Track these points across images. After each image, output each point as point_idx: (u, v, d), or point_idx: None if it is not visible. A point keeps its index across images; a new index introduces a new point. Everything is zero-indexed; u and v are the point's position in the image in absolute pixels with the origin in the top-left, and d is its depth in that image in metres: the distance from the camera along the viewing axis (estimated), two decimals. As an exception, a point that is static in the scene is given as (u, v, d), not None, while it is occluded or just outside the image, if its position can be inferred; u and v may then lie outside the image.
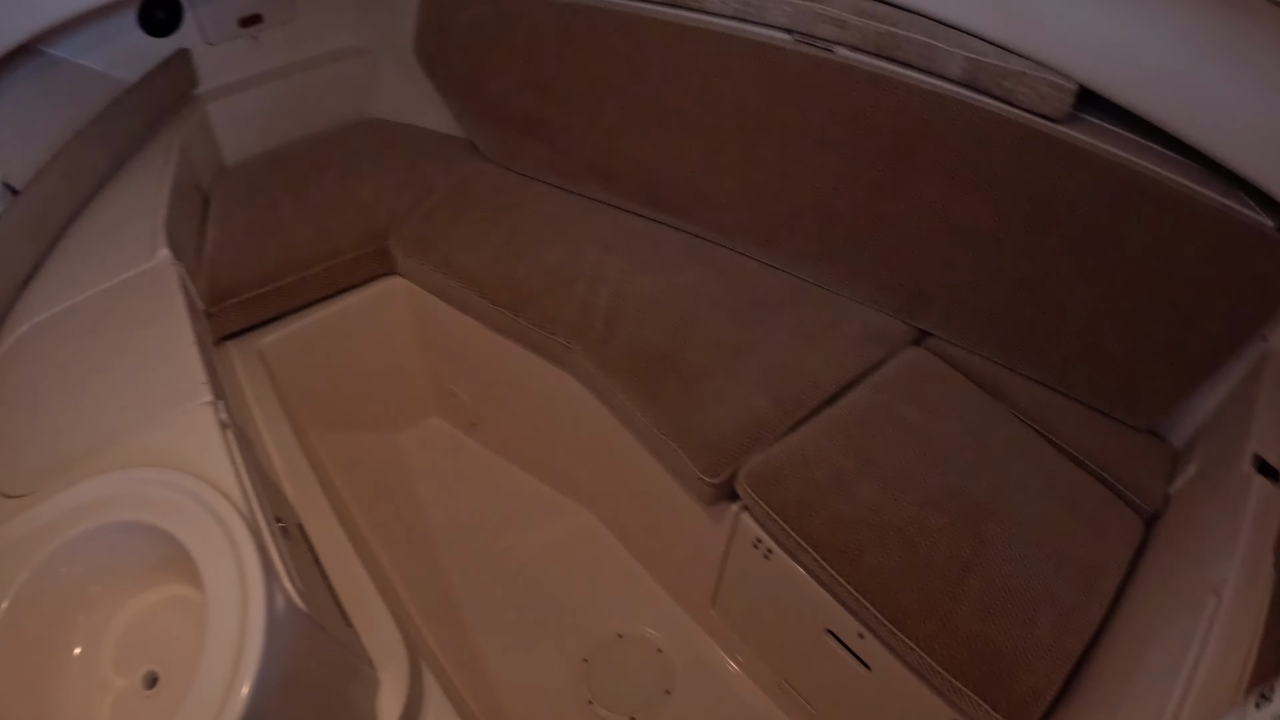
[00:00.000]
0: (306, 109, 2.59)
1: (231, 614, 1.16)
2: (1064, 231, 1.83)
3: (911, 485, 1.72)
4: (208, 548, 1.24)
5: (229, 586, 1.19)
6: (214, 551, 1.23)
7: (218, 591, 1.19)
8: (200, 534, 1.26)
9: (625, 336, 1.97)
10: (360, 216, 2.25)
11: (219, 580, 1.20)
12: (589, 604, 2.28)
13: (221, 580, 1.20)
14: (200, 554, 1.23)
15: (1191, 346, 1.80)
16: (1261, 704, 0.92)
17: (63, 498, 1.32)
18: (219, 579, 1.20)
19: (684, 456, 1.79)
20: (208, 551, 1.23)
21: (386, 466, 2.52)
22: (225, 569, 1.21)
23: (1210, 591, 1.28)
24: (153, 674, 1.29)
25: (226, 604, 1.17)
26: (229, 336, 2.16)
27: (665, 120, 2.17)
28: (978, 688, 1.46)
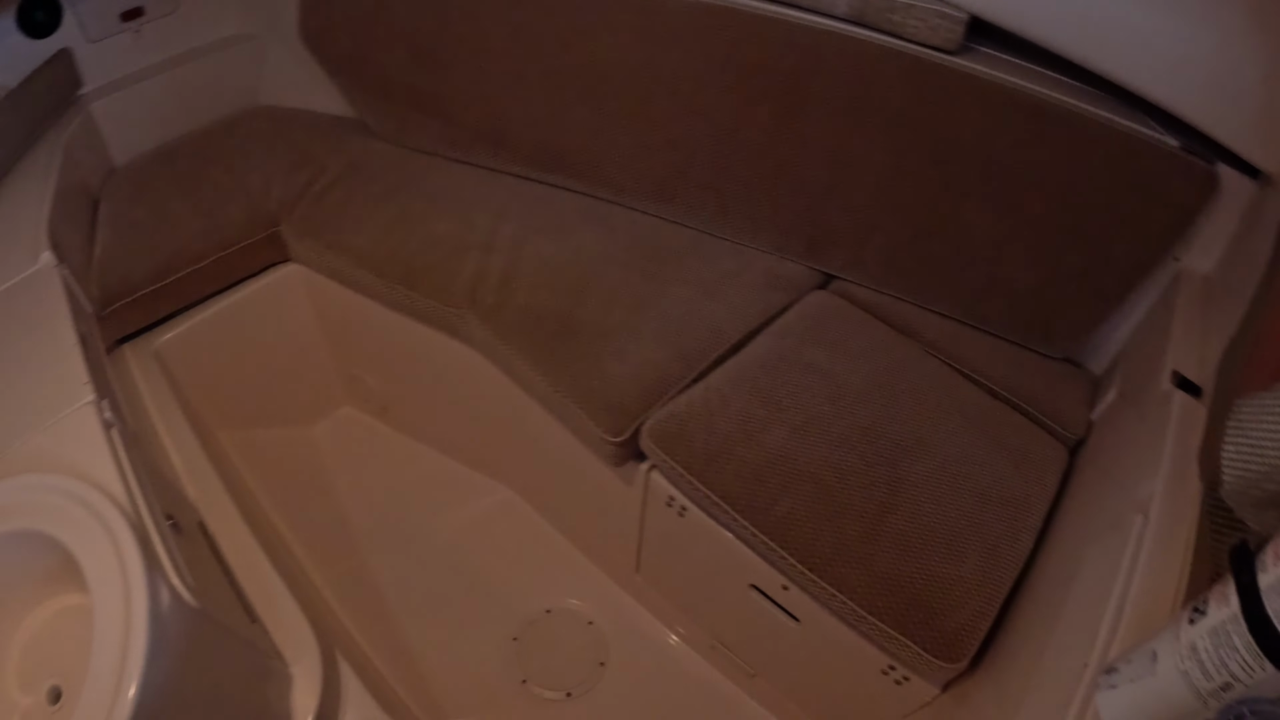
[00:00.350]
0: (195, 101, 2.45)
1: (116, 615, 1.10)
2: (965, 164, 1.77)
3: (823, 429, 1.63)
4: (91, 549, 1.18)
5: (112, 587, 1.13)
6: (97, 553, 1.17)
7: (102, 593, 1.12)
8: (84, 537, 1.19)
9: (520, 301, 1.86)
10: (250, 204, 2.12)
11: (102, 582, 1.14)
12: (515, 581, 2.18)
13: (105, 581, 1.14)
14: (84, 557, 1.17)
15: (1103, 271, 1.76)
16: (1196, 618, 0.84)
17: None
18: (102, 580, 1.14)
19: (586, 418, 1.69)
20: (91, 554, 1.17)
21: (301, 461, 2.40)
22: (108, 570, 1.15)
23: (1137, 510, 1.23)
24: (57, 689, 1.22)
25: (110, 605, 1.11)
26: (126, 339, 2.03)
27: (551, 81, 2.07)
28: (906, 629, 1.39)
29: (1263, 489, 0.98)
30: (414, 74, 2.18)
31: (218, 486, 1.77)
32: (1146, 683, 0.87)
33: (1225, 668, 0.79)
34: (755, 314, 1.89)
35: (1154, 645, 0.88)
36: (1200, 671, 0.81)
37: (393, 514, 2.30)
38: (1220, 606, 0.81)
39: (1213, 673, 0.80)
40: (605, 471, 1.81)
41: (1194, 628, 0.83)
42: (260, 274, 2.17)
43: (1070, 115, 1.65)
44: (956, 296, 1.92)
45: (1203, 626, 0.82)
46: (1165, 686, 0.84)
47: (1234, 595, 0.79)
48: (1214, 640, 0.80)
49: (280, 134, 2.36)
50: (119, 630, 1.07)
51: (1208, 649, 0.80)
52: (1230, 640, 0.78)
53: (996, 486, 1.59)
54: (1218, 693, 0.80)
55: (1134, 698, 0.89)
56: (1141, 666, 0.88)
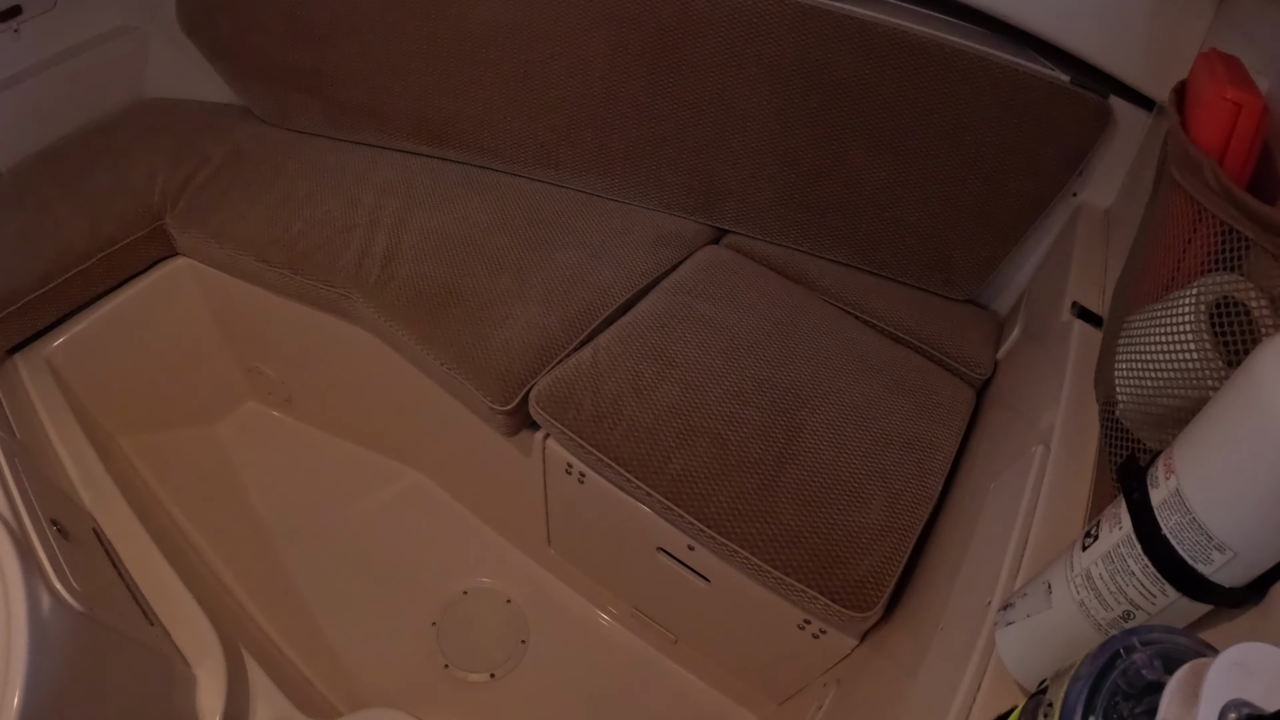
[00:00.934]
0: (79, 98, 2.29)
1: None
2: (851, 109, 1.71)
3: (716, 382, 1.54)
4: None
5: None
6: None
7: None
8: None
9: (404, 276, 1.74)
10: (134, 200, 1.98)
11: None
12: (429, 565, 2.08)
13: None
14: None
15: (999, 210, 1.72)
16: (1088, 543, 0.75)
17: None
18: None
19: (473, 388, 1.57)
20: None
21: (207, 460, 2.26)
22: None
23: (1038, 442, 1.18)
24: None
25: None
26: (16, 349, 1.89)
27: (427, 51, 1.94)
28: (812, 581, 1.32)
29: (1158, 404, 0.89)
30: (292, 54, 2.05)
31: (113, 493, 1.67)
32: (1043, 617, 0.78)
33: (1123, 594, 0.70)
34: (644, 272, 1.80)
35: (1048, 576, 0.79)
36: (1097, 601, 0.72)
37: (303, 507, 2.19)
38: (1112, 529, 0.71)
39: (1110, 601, 0.71)
40: (502, 443, 1.72)
41: (1086, 554, 0.74)
42: (148, 271, 2.03)
43: (957, 53, 1.60)
44: (853, 243, 1.85)
45: (1095, 551, 0.73)
46: (1062, 619, 0.76)
47: (1125, 515, 0.70)
48: (1108, 565, 0.71)
49: (165, 126, 2.21)
50: None
51: (1102, 575, 0.71)
52: (1125, 564, 0.69)
53: (900, 430, 1.52)
54: (1117, 622, 0.71)
55: (1030, 633, 0.81)
56: (1037, 600, 0.79)
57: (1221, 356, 0.80)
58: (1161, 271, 0.97)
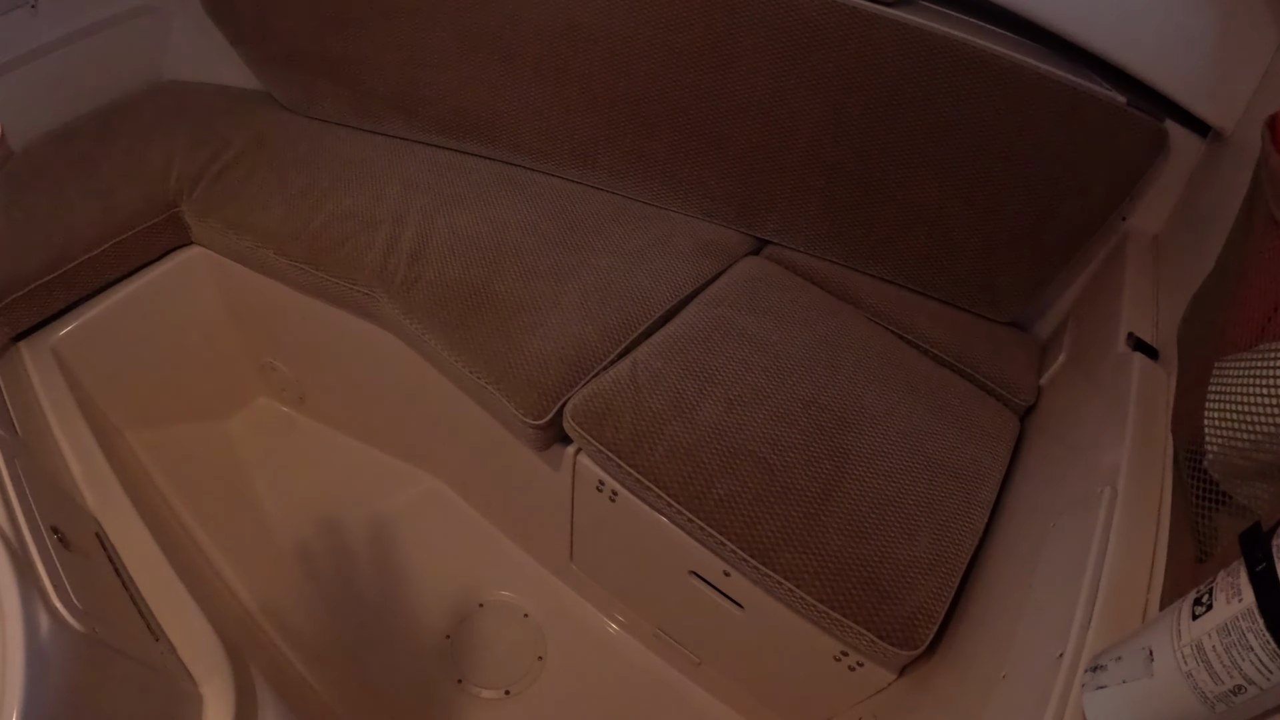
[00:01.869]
0: (96, 78, 2.27)
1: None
2: (903, 121, 1.69)
3: (760, 402, 1.51)
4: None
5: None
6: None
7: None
8: None
9: (432, 276, 1.71)
10: (149, 185, 1.95)
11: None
12: (445, 576, 2.05)
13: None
14: None
15: (1048, 232, 1.71)
16: (1199, 612, 0.72)
17: None
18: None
19: (504, 399, 1.54)
20: None
21: (216, 458, 2.23)
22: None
23: (1103, 483, 1.14)
24: None
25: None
26: (21, 336, 1.86)
27: (465, 44, 1.91)
28: (858, 616, 1.30)
29: (1252, 459, 0.86)
30: (321, 41, 2.02)
31: (118, 493, 1.62)
32: (1142, 685, 0.75)
33: (1238, 669, 0.67)
34: (684, 282, 1.77)
35: (1148, 641, 0.76)
36: (1207, 674, 0.69)
37: (314, 510, 2.16)
38: (1230, 599, 0.68)
39: (1222, 675, 0.68)
40: (530, 456, 1.69)
41: (1197, 623, 0.71)
42: (161, 259, 2.00)
43: (1015, 70, 1.58)
44: (897, 260, 1.84)
45: (1209, 622, 0.70)
46: (1165, 689, 0.72)
47: (1247, 587, 0.67)
48: (1224, 639, 0.68)
49: (184, 109, 2.19)
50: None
51: (1216, 648, 0.68)
52: (1245, 639, 0.66)
53: (946, 458, 1.51)
54: (1227, 696, 0.68)
55: (1128, 701, 0.77)
56: (1135, 666, 0.76)
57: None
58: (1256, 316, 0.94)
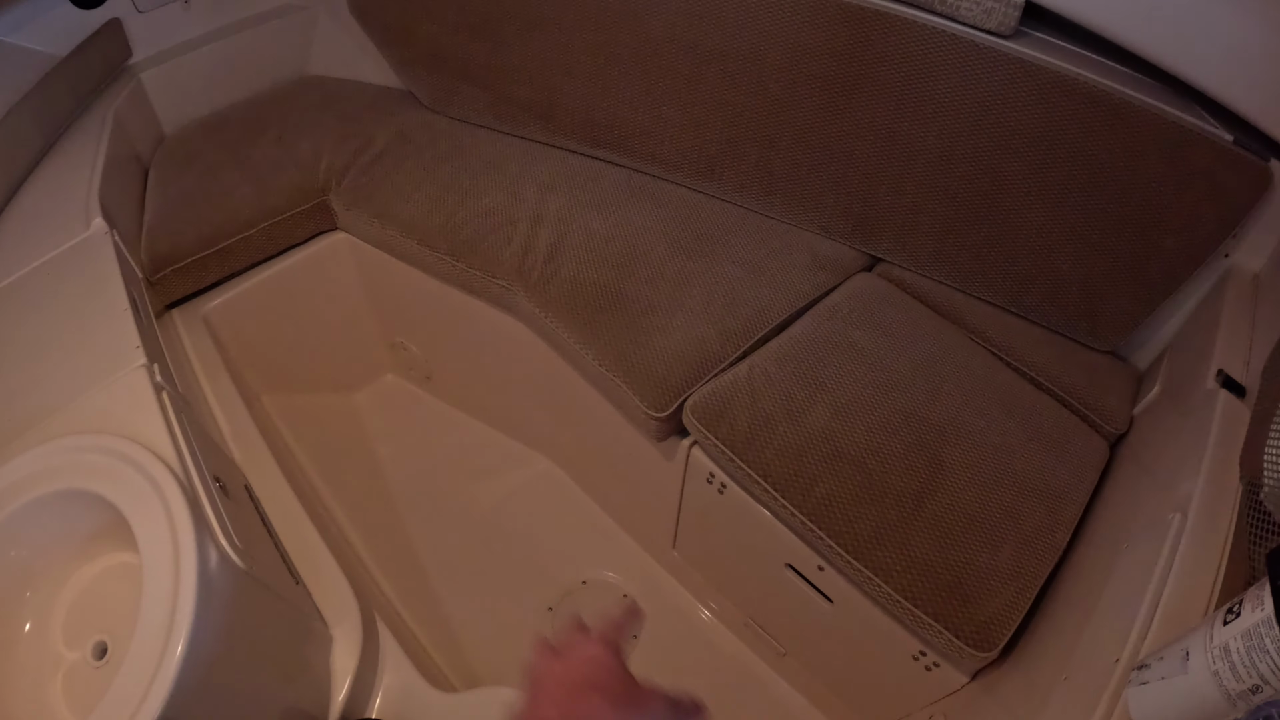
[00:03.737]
0: (243, 71, 2.48)
1: (165, 575, 1.11)
2: (1015, 150, 1.76)
3: (865, 411, 1.64)
4: (141, 509, 1.18)
5: (162, 547, 1.14)
6: (147, 513, 1.18)
7: (151, 553, 1.13)
8: (134, 496, 1.20)
9: (567, 275, 1.88)
10: (299, 174, 2.15)
11: (152, 541, 1.15)
12: (552, 552, 2.22)
13: (155, 541, 1.14)
14: (134, 515, 1.18)
15: (1151, 265, 1.75)
16: (1230, 619, 0.86)
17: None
18: (152, 540, 1.15)
19: (630, 392, 1.71)
20: (141, 512, 1.18)
21: (343, 427, 2.44)
22: (158, 530, 1.16)
23: (1175, 509, 1.24)
24: (102, 644, 1.23)
25: (160, 565, 1.12)
26: (174, 305, 2.06)
27: (602, 56, 2.08)
28: (940, 616, 1.41)
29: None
30: (464, 45, 2.20)
31: (263, 450, 1.80)
32: (1177, 681, 0.89)
33: (1255, 669, 0.81)
34: (801, 294, 1.90)
35: (1186, 644, 0.90)
36: (1231, 672, 0.83)
37: (432, 481, 2.34)
38: (1254, 609, 0.83)
39: (1243, 674, 0.82)
40: (646, 446, 1.84)
41: (1227, 629, 0.85)
42: (307, 242, 2.20)
43: (1125, 105, 1.63)
44: (1002, 284, 1.92)
45: (1235, 628, 0.84)
46: (1195, 685, 0.86)
47: (1268, 599, 0.81)
48: (1246, 642, 0.82)
49: (329, 104, 2.39)
50: (167, 589, 1.09)
51: (1239, 650, 0.82)
52: (1263, 643, 0.80)
53: (1036, 477, 1.59)
54: (1246, 695, 0.82)
55: (1163, 695, 0.91)
56: (1173, 665, 0.90)
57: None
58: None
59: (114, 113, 2.10)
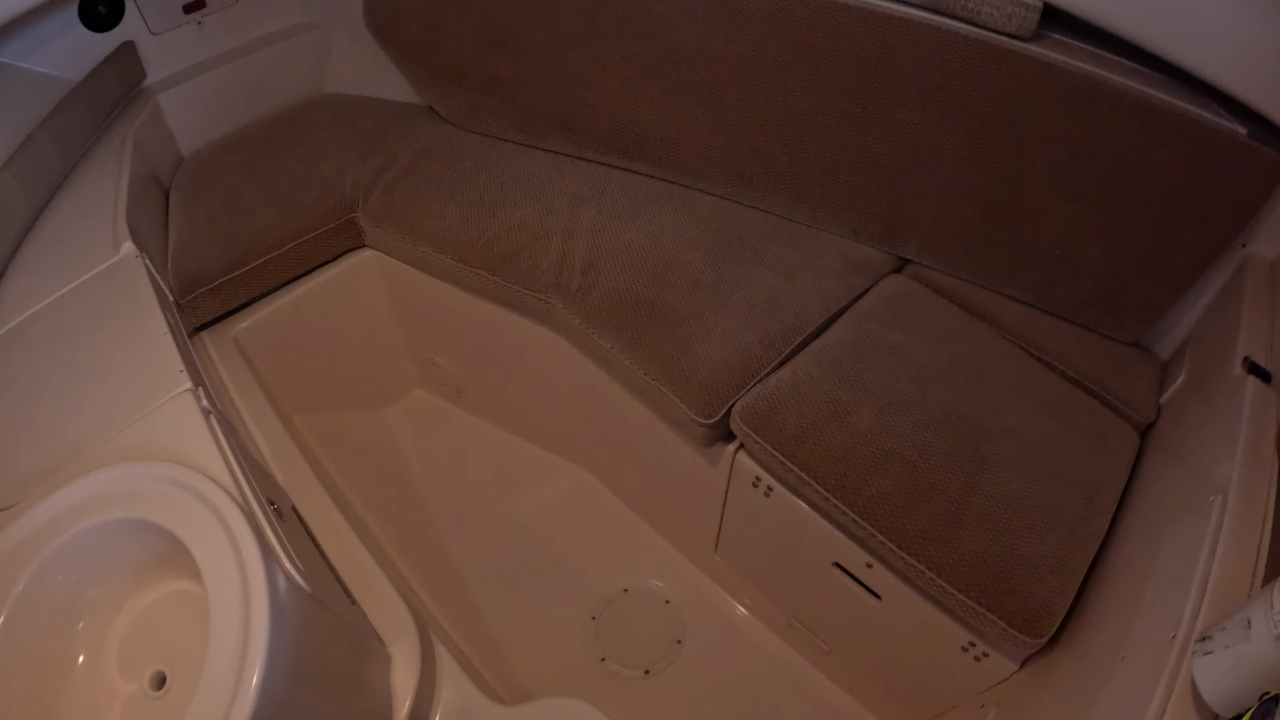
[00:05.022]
0: (260, 90, 2.53)
1: (234, 602, 1.13)
2: (1038, 150, 1.83)
3: (907, 410, 1.71)
4: (202, 536, 1.20)
5: (228, 574, 1.16)
6: (209, 539, 1.20)
7: (217, 579, 1.15)
8: (192, 523, 1.22)
9: (604, 286, 1.95)
10: (324, 192, 2.20)
11: (217, 568, 1.17)
12: (592, 561, 2.27)
13: (220, 568, 1.17)
14: (195, 543, 1.20)
15: (1172, 258, 1.81)
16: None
17: (49, 503, 1.27)
18: (217, 567, 1.17)
19: (676, 400, 1.77)
20: (202, 540, 1.20)
21: (375, 444, 2.49)
22: (222, 556, 1.18)
23: (1215, 492, 1.30)
24: (160, 674, 1.25)
25: (227, 592, 1.14)
26: (202, 327, 2.11)
27: (626, 66, 2.14)
28: (992, 605, 1.47)
29: None
30: (486, 59, 2.26)
31: (305, 471, 1.83)
32: (1241, 649, 0.96)
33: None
34: (836, 298, 1.97)
35: (1247, 613, 0.97)
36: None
37: (468, 495, 2.39)
38: (1311, 578, 0.91)
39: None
40: (690, 453, 1.90)
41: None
42: (335, 260, 2.25)
43: (1144, 103, 1.70)
44: (1028, 280, 1.98)
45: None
46: (1260, 651, 0.94)
47: None
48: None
49: (348, 121, 2.44)
50: (238, 616, 1.11)
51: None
52: None
53: (1073, 467, 1.66)
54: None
55: (1229, 663, 0.98)
56: (1236, 634, 0.97)
57: None
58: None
59: (133, 136, 2.13)
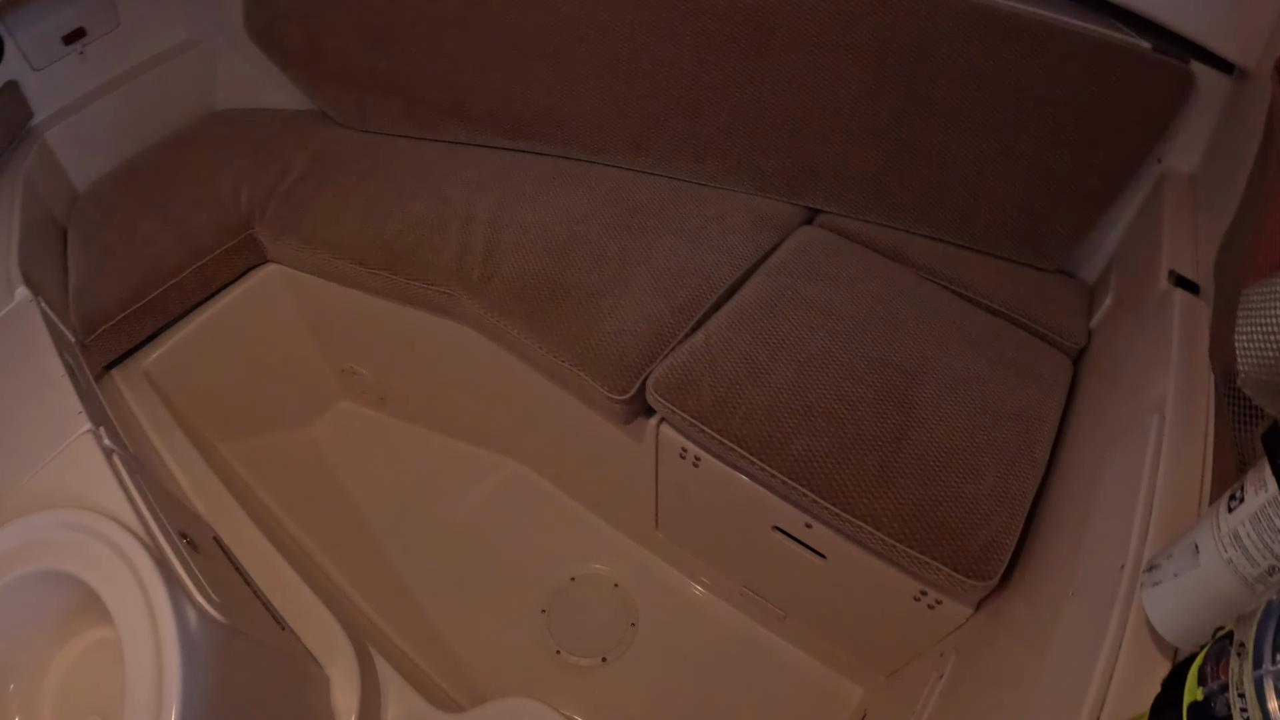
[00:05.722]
0: (151, 115, 2.40)
1: (146, 642, 1.09)
2: (936, 85, 1.77)
3: (828, 363, 1.63)
4: (110, 580, 1.17)
5: (138, 615, 1.12)
6: (117, 583, 1.16)
7: (128, 622, 1.12)
8: (100, 568, 1.18)
9: (507, 271, 1.85)
10: (221, 211, 2.08)
11: (127, 610, 1.13)
12: (536, 554, 2.19)
13: (129, 610, 1.13)
14: (104, 588, 1.16)
15: (1087, 179, 1.77)
16: (1234, 505, 0.84)
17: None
18: (126, 609, 1.13)
19: (588, 379, 1.68)
20: (111, 584, 1.16)
21: (305, 462, 2.38)
22: (131, 598, 1.14)
23: (1151, 412, 1.24)
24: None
25: (139, 634, 1.10)
26: (112, 365, 2.00)
27: (510, 47, 2.04)
28: (935, 553, 1.40)
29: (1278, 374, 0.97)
30: (370, 57, 2.15)
31: (227, 499, 1.77)
32: (1190, 575, 0.87)
33: (1270, 550, 0.78)
34: (745, 256, 1.88)
35: (1194, 538, 0.88)
36: (1245, 558, 0.81)
37: (404, 502, 2.30)
38: (1258, 491, 0.80)
39: (1257, 557, 0.80)
40: (614, 431, 1.81)
41: (1233, 515, 0.83)
42: (240, 279, 2.14)
43: (1043, 26, 1.65)
44: (943, 217, 1.92)
45: (1242, 513, 0.82)
46: (1210, 577, 0.84)
47: (1270, 479, 0.79)
48: (1255, 525, 0.80)
49: (242, 136, 2.32)
50: (150, 658, 1.07)
51: (1250, 534, 0.80)
52: (1272, 523, 0.78)
53: (1006, 402, 1.59)
54: (1264, 577, 0.80)
55: (1179, 592, 0.89)
56: (1183, 560, 0.88)
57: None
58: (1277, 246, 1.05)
59: (23, 178, 2.02)
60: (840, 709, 1.93)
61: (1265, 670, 0.61)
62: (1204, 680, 0.70)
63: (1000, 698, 1.21)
